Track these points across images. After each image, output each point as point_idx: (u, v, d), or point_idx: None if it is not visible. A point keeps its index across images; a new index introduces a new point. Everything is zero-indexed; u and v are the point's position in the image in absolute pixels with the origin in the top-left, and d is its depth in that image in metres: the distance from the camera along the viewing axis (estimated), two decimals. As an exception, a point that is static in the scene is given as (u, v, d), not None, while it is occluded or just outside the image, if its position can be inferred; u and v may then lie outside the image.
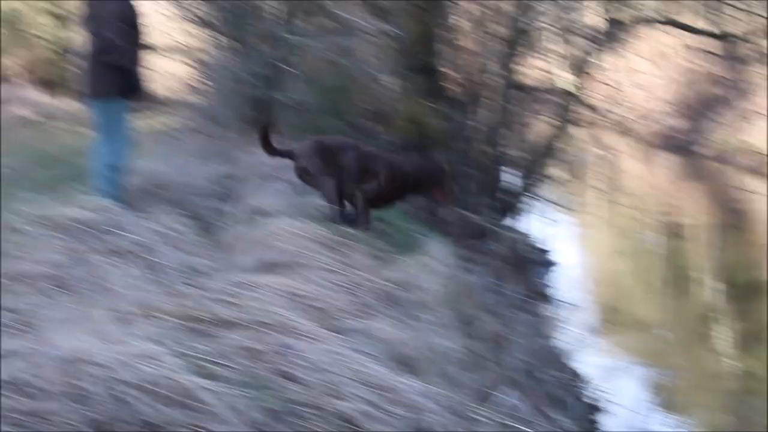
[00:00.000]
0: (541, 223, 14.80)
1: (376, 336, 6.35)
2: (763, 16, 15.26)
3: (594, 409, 9.43)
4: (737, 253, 17.71)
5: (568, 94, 13.72)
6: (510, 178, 13.64)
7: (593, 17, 14.30)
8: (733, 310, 14.08)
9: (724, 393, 11.18)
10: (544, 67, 14.21)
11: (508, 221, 13.20)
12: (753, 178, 24.12)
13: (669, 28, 16.45)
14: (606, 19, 13.89)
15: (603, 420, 9.33)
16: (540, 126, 14.12)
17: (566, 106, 13.67)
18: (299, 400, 5.04)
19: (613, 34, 13.80)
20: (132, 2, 9.63)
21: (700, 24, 16.17)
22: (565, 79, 13.85)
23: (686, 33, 16.69)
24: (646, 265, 16.80)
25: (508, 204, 13.26)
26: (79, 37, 10.53)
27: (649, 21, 15.23)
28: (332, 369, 5.44)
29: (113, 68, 9.43)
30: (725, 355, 12.08)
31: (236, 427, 4.60)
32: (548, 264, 14.31)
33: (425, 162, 9.20)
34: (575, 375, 9.97)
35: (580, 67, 13.63)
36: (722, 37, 15.87)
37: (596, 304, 14.22)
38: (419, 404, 5.38)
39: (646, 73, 30.32)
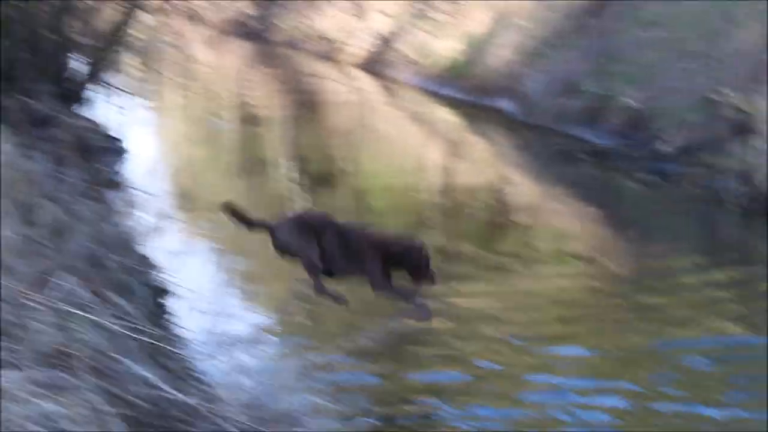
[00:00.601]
0: (111, 111, 14.63)
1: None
2: None
3: (162, 292, 9.50)
4: (310, 136, 18.21)
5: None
6: (76, 65, 13.40)
7: None
8: (308, 192, 14.48)
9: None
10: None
11: (74, 108, 12.99)
12: (323, 64, 24.78)
13: None
14: None
15: (170, 303, 9.42)
16: (109, 12, 13.91)
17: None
18: None
19: None
20: None
21: None
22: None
23: None
24: (220, 151, 16.98)
25: (74, 91, 13.04)
26: None
27: None
28: None
29: None
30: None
31: None
32: (118, 151, 14.16)
33: (404, 241, 8.77)
34: (144, 260, 9.98)
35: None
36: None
37: (169, 191, 14.25)
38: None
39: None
